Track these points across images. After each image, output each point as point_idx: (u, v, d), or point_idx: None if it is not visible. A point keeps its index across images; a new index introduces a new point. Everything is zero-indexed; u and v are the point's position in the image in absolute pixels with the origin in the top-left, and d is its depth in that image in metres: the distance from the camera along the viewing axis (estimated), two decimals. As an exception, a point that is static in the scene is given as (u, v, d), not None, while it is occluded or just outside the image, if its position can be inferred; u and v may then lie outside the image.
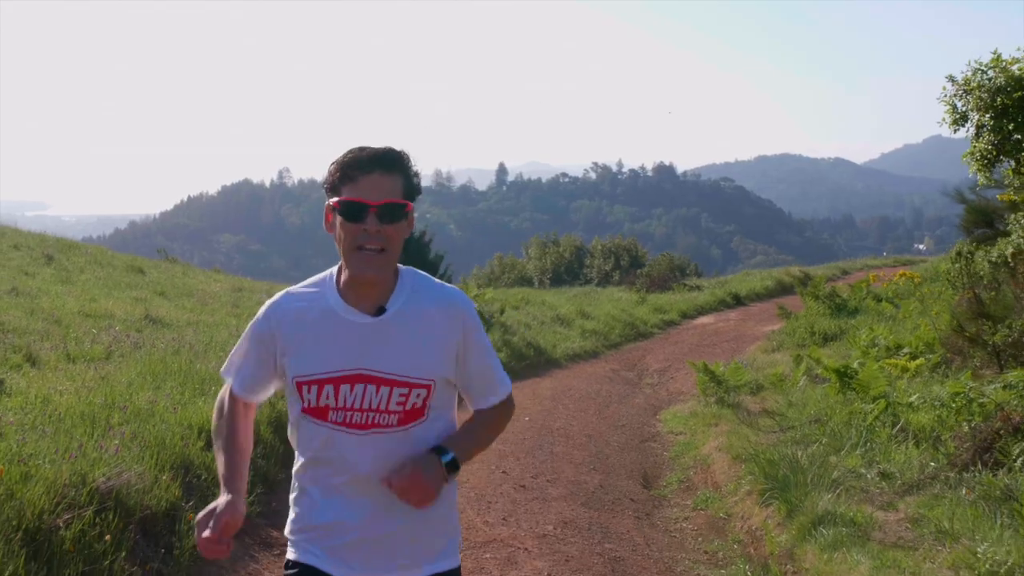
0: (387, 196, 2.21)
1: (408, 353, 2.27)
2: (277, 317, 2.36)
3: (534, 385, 11.82)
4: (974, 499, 5.25)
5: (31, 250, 22.31)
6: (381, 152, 2.26)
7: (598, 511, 6.36)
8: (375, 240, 2.21)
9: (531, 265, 59.10)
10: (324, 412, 2.29)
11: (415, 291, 2.33)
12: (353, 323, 2.28)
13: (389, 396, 2.26)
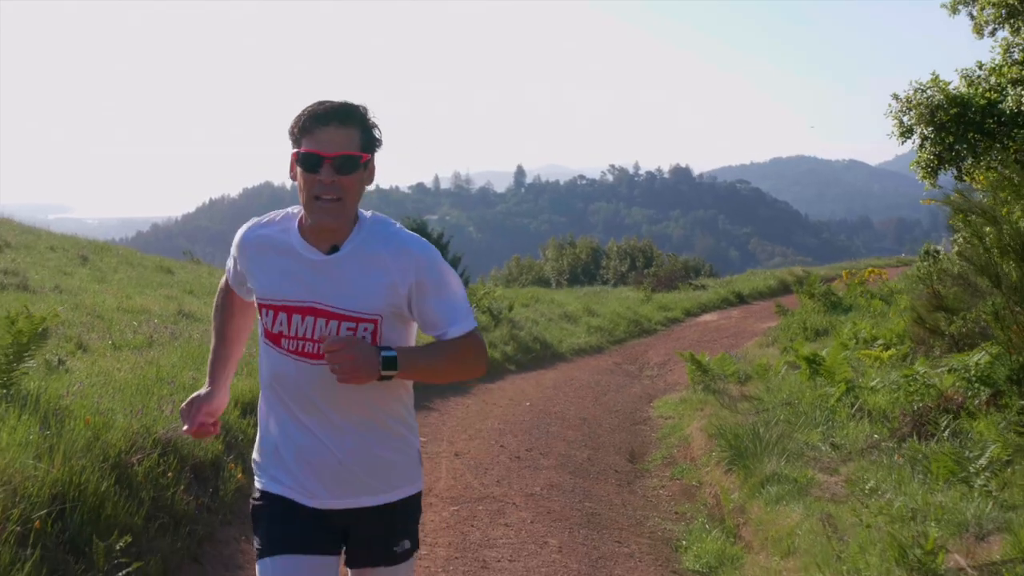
0: (342, 148, 2.36)
1: (355, 289, 2.43)
2: (242, 245, 2.58)
3: (538, 376, 12.68)
4: (903, 463, 6.07)
5: (66, 251, 23.35)
6: (337, 105, 2.40)
7: (583, 479, 7.22)
8: (331, 190, 2.37)
9: (548, 266, 60.08)
10: (278, 339, 2.47)
11: (371, 234, 2.48)
12: (308, 259, 2.46)
13: (338, 328, 2.42)
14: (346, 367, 2.29)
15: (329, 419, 2.44)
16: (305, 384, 2.45)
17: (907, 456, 6.11)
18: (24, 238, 23.57)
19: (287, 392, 2.48)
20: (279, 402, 2.50)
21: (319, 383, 2.42)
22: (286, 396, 2.48)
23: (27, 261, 18.44)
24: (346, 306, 2.42)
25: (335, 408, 2.45)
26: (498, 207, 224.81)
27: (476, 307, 15.13)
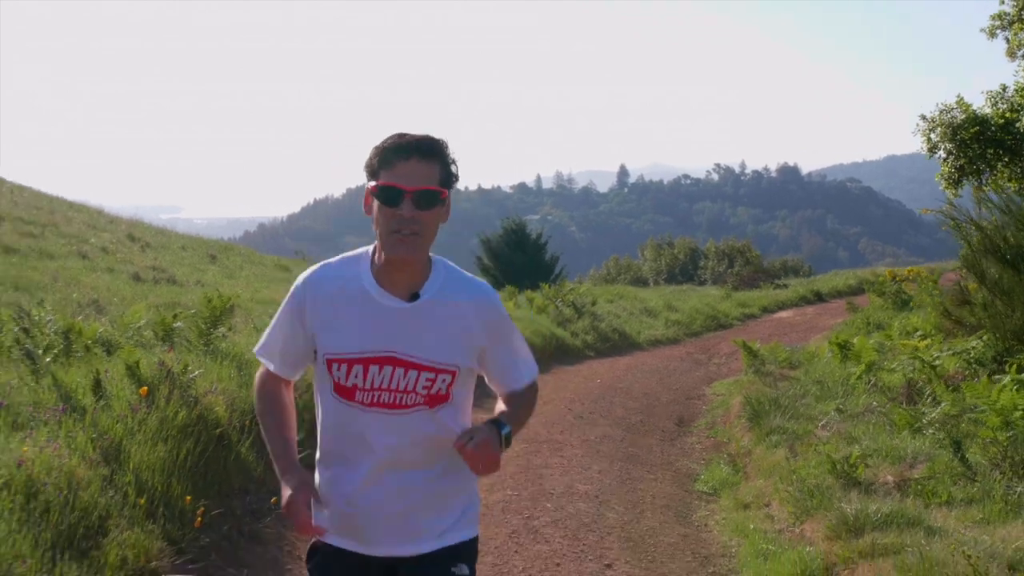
0: (423, 183, 2.27)
1: (437, 340, 2.37)
2: (311, 291, 2.42)
3: (613, 361, 14.38)
4: (886, 421, 7.63)
5: (195, 251, 26.03)
6: (419, 139, 2.30)
7: (633, 433, 8.94)
8: (410, 225, 2.27)
9: (646, 267, 61.35)
10: (352, 392, 2.37)
11: (448, 281, 2.43)
12: (387, 307, 2.36)
13: (417, 379, 2.36)
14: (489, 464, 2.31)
15: (396, 467, 2.41)
16: (375, 436, 2.39)
17: (887, 416, 7.68)
18: (158, 238, 26.34)
19: (353, 442, 2.42)
20: (342, 451, 2.45)
21: (391, 433, 2.38)
22: (351, 446, 2.42)
23: (167, 259, 20.99)
24: (427, 356, 2.37)
25: (405, 457, 2.41)
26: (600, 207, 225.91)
27: (561, 301, 16.95)
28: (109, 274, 15.66)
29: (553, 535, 5.68)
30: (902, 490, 5.85)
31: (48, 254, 16.49)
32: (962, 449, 6.16)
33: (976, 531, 4.95)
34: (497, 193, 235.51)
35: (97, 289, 12.82)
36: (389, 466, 2.40)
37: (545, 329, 14.39)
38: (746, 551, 5.52)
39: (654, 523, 6.09)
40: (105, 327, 7.76)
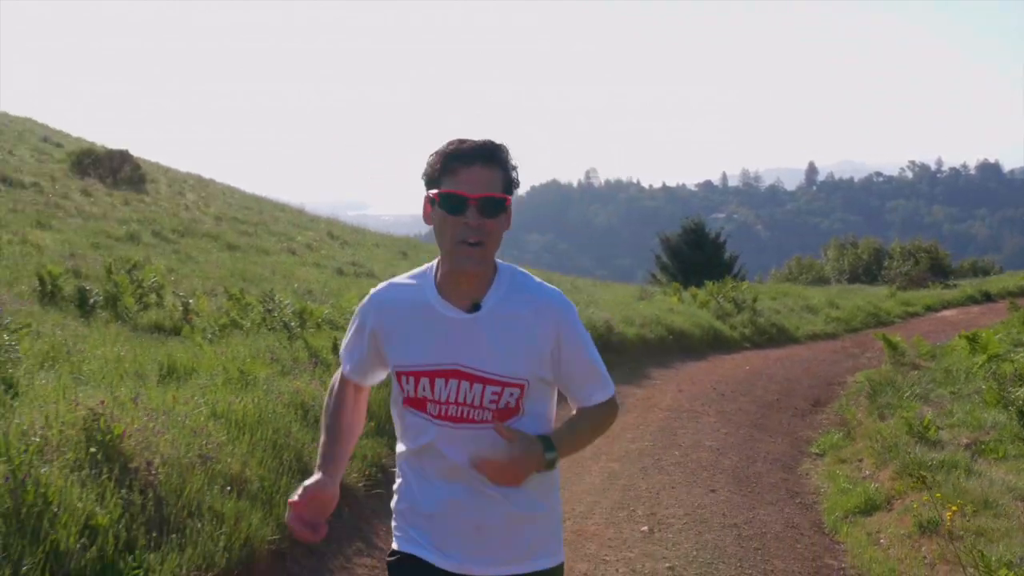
0: (487, 190, 2.20)
1: (501, 352, 2.28)
2: (376, 308, 2.41)
3: (767, 352, 15.66)
4: (982, 400, 8.79)
5: (388, 247, 28.64)
6: (482, 144, 2.24)
7: (767, 409, 10.35)
8: (474, 234, 2.20)
9: (828, 266, 60.87)
10: (423, 404, 2.34)
11: (511, 289, 2.33)
12: (448, 318, 2.30)
13: (482, 393, 2.29)
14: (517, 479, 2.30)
15: (471, 483, 2.33)
16: (448, 448, 2.34)
17: (984, 395, 8.84)
18: (354, 236, 29.12)
19: (430, 456, 2.37)
20: (419, 465, 2.41)
21: (463, 448, 2.32)
22: (427, 459, 2.38)
23: (363, 255, 23.49)
24: (491, 369, 2.29)
25: (476, 473, 2.32)
26: (788, 205, 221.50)
27: (723, 297, 18.32)
28: (316, 268, 18.08)
29: (674, 471, 7.27)
30: (971, 449, 7.13)
31: (263, 250, 19.12)
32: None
33: (1011, 476, 6.24)
34: (682, 191, 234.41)
35: (309, 281, 15.09)
36: (462, 480, 2.33)
37: (704, 321, 15.83)
38: (831, 489, 6.95)
39: (761, 469, 7.59)
40: (329, 309, 9.80)
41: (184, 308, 9.32)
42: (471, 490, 2.34)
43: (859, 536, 5.84)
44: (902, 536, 5.58)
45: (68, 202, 17.43)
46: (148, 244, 15.42)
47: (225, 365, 6.18)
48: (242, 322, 8.48)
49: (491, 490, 2.32)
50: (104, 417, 3.83)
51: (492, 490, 2.32)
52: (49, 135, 28.09)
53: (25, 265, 11.01)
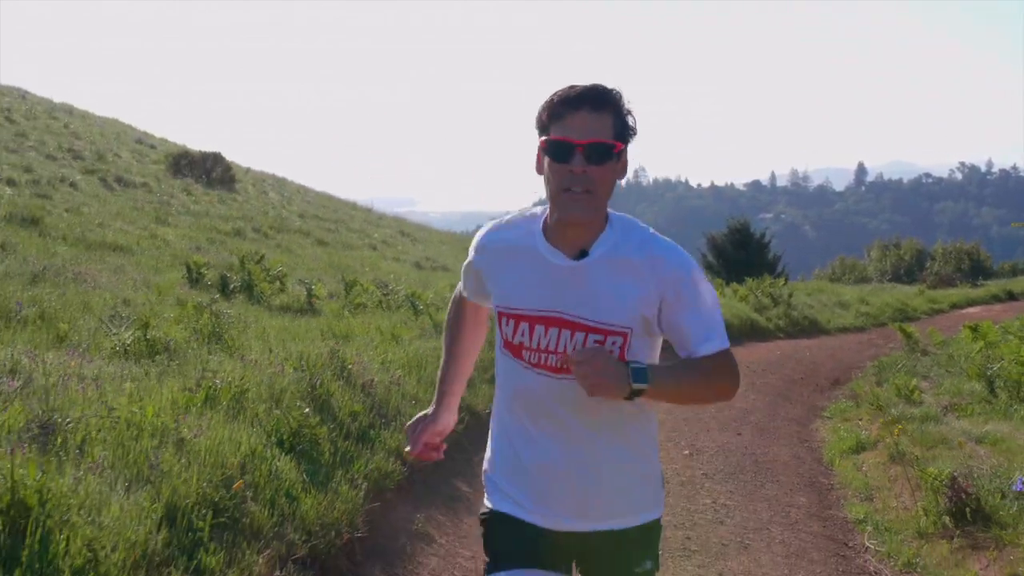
0: (594, 135, 2.13)
1: (605, 299, 2.22)
2: (481, 248, 2.42)
3: (798, 341, 17.50)
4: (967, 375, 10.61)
5: (452, 244, 30.69)
6: (590, 88, 2.16)
7: (791, 384, 12.24)
8: (581, 181, 2.14)
9: (871, 267, 62.06)
10: (519, 350, 2.30)
11: (623, 239, 2.26)
12: (553, 264, 2.25)
13: (584, 341, 2.23)
14: (595, 379, 2.11)
15: (570, 436, 2.29)
16: (547, 398, 2.29)
17: (967, 371, 10.67)
18: (421, 233, 31.31)
19: (526, 406, 2.33)
20: (516, 415, 2.36)
21: (563, 397, 2.27)
22: (525, 410, 2.34)
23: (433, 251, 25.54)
24: (595, 317, 2.22)
25: (578, 425, 2.28)
26: (836, 206, 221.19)
27: (761, 292, 20.18)
28: (396, 262, 20.16)
29: (710, 421, 9.23)
30: (947, 409, 9.01)
31: (348, 245, 21.24)
32: (994, 386, 9.24)
33: (970, 426, 8.11)
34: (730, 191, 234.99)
35: (395, 273, 17.16)
36: (560, 431, 2.29)
37: (743, 313, 17.72)
38: (832, 438, 8.87)
39: (780, 424, 9.52)
40: (432, 295, 11.84)
41: (308, 292, 11.40)
42: (572, 443, 2.29)
43: (847, 466, 7.76)
44: (877, 464, 7.50)
45: (175, 200, 19.66)
46: (252, 239, 17.57)
47: (380, 329, 8.24)
48: (366, 303, 10.56)
49: (593, 442, 2.29)
50: (339, 353, 5.92)
51: (594, 442, 2.29)
52: (141, 137, 30.51)
53: (161, 256, 13.15)
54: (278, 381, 5.24)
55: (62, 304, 7.75)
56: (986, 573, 4.99)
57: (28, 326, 6.80)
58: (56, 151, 20.73)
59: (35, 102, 28.51)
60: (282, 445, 4.47)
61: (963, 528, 5.52)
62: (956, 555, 5.33)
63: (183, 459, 3.77)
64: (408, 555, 4.90)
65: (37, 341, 6.28)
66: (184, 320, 7.46)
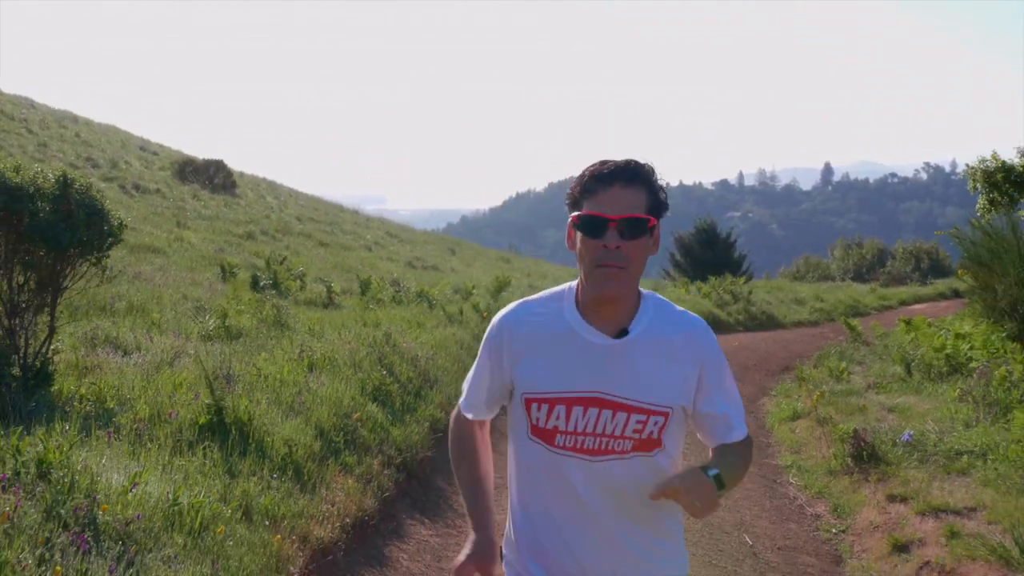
0: (628, 211, 2.13)
1: (648, 378, 2.21)
2: (510, 328, 2.33)
3: (755, 334, 19.38)
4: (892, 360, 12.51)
5: (437, 245, 32.41)
6: (623, 164, 2.17)
7: (744, 370, 14.09)
8: (615, 257, 2.13)
9: (834, 265, 64.18)
10: (552, 435, 2.25)
11: (657, 316, 2.27)
12: (593, 343, 2.23)
13: (626, 422, 2.20)
14: (707, 510, 2.10)
15: (599, 523, 2.26)
16: (579, 484, 2.24)
17: (893, 357, 12.57)
18: (407, 234, 33.03)
19: (553, 493, 2.28)
20: (539, 503, 2.31)
21: (594, 482, 2.24)
22: (551, 497, 2.29)
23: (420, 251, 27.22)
24: (638, 397, 2.19)
25: (610, 511, 2.25)
26: (803, 205, 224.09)
27: (722, 290, 22.09)
28: (391, 262, 21.89)
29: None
30: (870, 386, 10.90)
31: (345, 247, 22.94)
32: (911, 368, 11.15)
33: (884, 399, 9.99)
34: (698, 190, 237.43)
35: (391, 271, 18.90)
36: (592, 519, 2.25)
37: (705, 309, 19.62)
38: (774, 409, 10.73)
39: (733, 400, 11.38)
40: (438, 292, 13.62)
41: (328, 290, 13.15)
42: (600, 530, 2.26)
43: (783, 429, 9.63)
44: (807, 427, 9.36)
45: (188, 206, 21.30)
46: (262, 241, 19.26)
47: (405, 319, 10.04)
48: (383, 298, 12.34)
49: (622, 528, 2.25)
50: (391, 335, 7.75)
51: (624, 529, 2.26)
52: (143, 144, 32.05)
53: (192, 257, 14.82)
54: (357, 353, 7.07)
55: (140, 299, 9.46)
56: (872, 495, 6.84)
57: (125, 316, 8.51)
58: (76, 160, 22.30)
59: (45, 112, 29.97)
60: (367, 395, 6.30)
61: (860, 467, 7.38)
62: (853, 485, 7.20)
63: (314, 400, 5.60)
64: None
65: (139, 327, 8.02)
66: (249, 311, 9.21)
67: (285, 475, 4.74)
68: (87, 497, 3.59)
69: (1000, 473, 6.40)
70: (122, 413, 4.92)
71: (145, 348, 6.97)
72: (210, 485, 4.19)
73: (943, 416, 8.34)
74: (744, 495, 7.23)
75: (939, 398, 9.40)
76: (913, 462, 7.14)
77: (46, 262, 5.57)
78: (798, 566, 5.77)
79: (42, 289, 5.71)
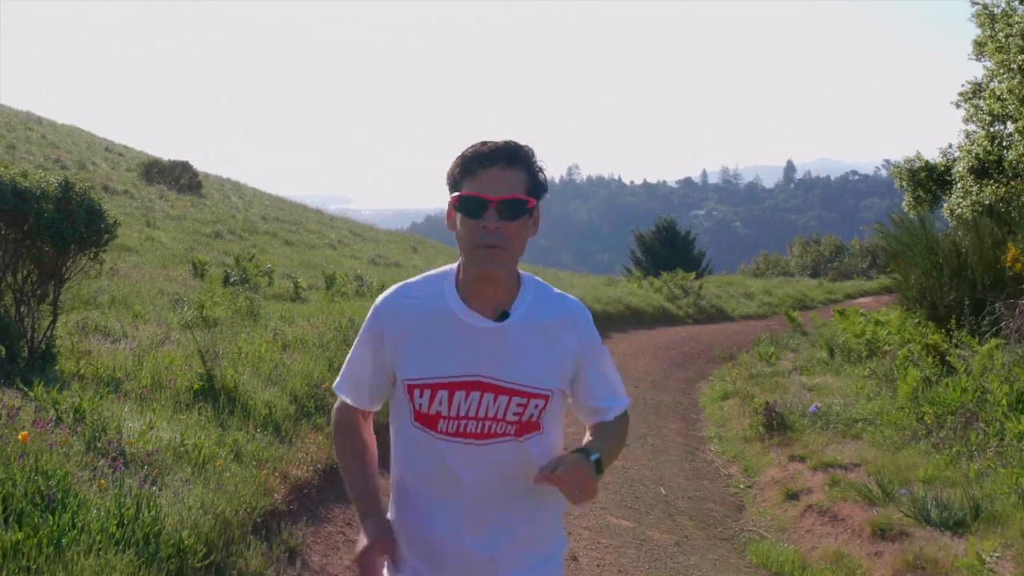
0: (508, 191, 2.12)
1: (528, 362, 2.21)
2: (390, 313, 2.28)
3: (703, 326, 20.40)
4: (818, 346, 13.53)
5: (399, 244, 33.18)
6: (502, 145, 2.15)
7: (688, 358, 15.08)
8: (495, 238, 2.11)
9: (793, 262, 65.68)
10: (435, 421, 2.22)
11: (537, 299, 2.27)
12: (473, 327, 2.20)
13: (507, 405, 2.20)
14: (586, 495, 2.11)
15: (481, 508, 2.25)
16: (460, 469, 2.22)
17: (819, 344, 13.60)
18: (370, 233, 33.77)
19: (436, 478, 2.25)
20: (423, 488, 2.28)
21: (478, 466, 2.22)
22: (435, 482, 2.26)
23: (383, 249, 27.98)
24: (519, 380, 2.20)
25: (492, 496, 2.25)
26: (766, 202, 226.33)
27: (673, 284, 23.11)
28: (355, 260, 22.67)
29: (617, 380, 12.03)
30: (796, 369, 11.91)
31: (310, 245, 23.67)
32: (834, 353, 12.17)
33: (806, 380, 10.99)
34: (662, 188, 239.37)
35: (354, 268, 19.70)
36: (478, 503, 2.24)
37: (656, 302, 20.62)
38: (708, 391, 11.71)
39: (671, 383, 12.35)
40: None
41: (295, 285, 13.97)
42: (484, 515, 2.25)
43: (713, 407, 10.61)
44: (733, 405, 10.34)
45: (156, 206, 21.98)
46: (229, 240, 19.99)
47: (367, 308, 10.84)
48: (347, 292, 13.17)
49: (505, 508, 2.26)
50: (354, 320, 8.61)
51: (506, 509, 2.26)
52: (108, 145, 32.58)
53: (163, 255, 15.57)
54: (324, 335, 7.94)
55: (121, 293, 10.25)
56: (777, 457, 7.82)
57: (109, 308, 9.30)
58: (45, 162, 22.89)
59: (10, 114, 30.46)
60: (334, 370, 7.17)
61: (771, 434, 8.35)
62: (764, 449, 8.17)
63: (288, 373, 6.48)
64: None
65: (124, 317, 8.83)
66: (224, 303, 10.04)
67: (267, 430, 5.64)
68: (116, 434, 4.64)
69: (884, 436, 7.38)
70: (128, 381, 5.81)
71: (132, 335, 7.79)
72: (207, 434, 5.11)
73: (850, 392, 9.34)
74: (667, 459, 8.18)
75: (853, 377, 10.40)
76: (816, 429, 8.12)
77: (50, 256, 6.39)
78: (703, 512, 6.72)
79: (45, 280, 6.54)
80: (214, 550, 3.97)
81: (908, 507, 5.61)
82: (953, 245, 11.50)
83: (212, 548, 3.96)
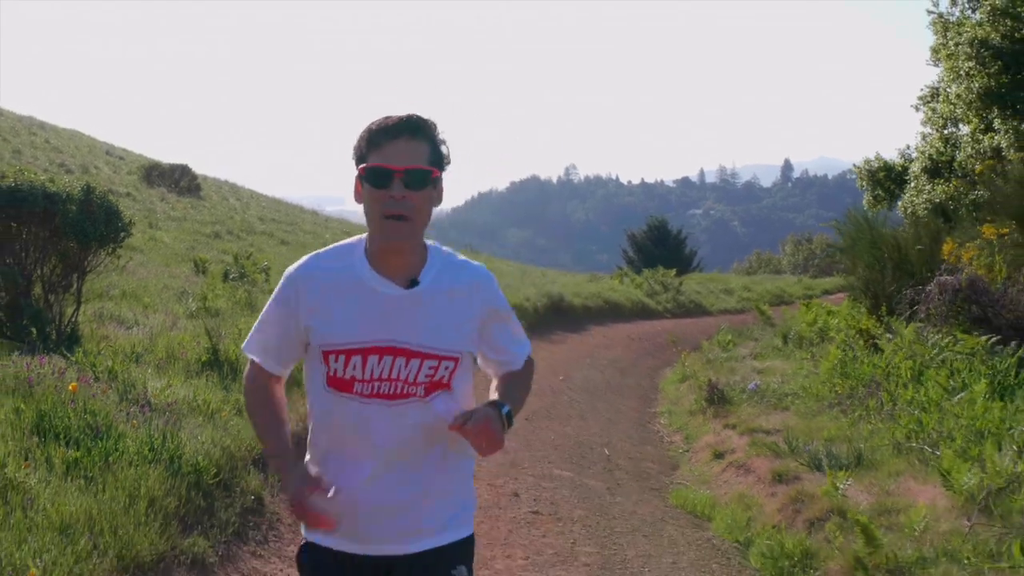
0: (412, 162, 2.21)
1: (438, 326, 2.32)
2: (303, 281, 2.36)
3: (680, 320, 21.36)
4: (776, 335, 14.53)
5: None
6: (406, 118, 2.25)
7: (658, 348, 16.05)
8: (401, 207, 2.21)
9: (785, 260, 66.64)
10: (349, 384, 2.30)
11: (446, 266, 2.38)
12: (384, 294, 2.30)
13: (419, 368, 2.30)
14: (494, 446, 2.27)
15: (393, 462, 2.34)
16: (374, 428, 2.32)
17: (776, 332, 14.59)
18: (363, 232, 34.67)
19: (351, 438, 2.34)
20: (338, 448, 2.37)
21: (391, 425, 2.32)
22: (349, 442, 2.35)
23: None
24: (429, 344, 2.31)
25: (405, 451, 2.34)
26: (764, 201, 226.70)
27: (653, 280, 24.11)
28: (349, 259, 23.66)
29: (587, 368, 12.98)
30: (752, 354, 12.92)
31: (305, 245, 24.51)
32: (787, 340, 13.19)
33: (757, 364, 11.99)
34: (660, 188, 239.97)
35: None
36: (391, 460, 2.33)
37: (635, 297, 21.63)
38: (669, 375, 12.72)
39: (637, 368, 13.37)
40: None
41: (290, 281, 14.99)
42: (398, 470, 2.34)
43: (670, 388, 11.64)
44: (689, 387, 11.34)
45: (158, 208, 22.98)
46: (228, 240, 20.98)
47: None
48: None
49: (415, 465, 2.34)
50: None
51: (416, 465, 2.34)
52: (108, 148, 33.58)
53: (167, 254, 16.56)
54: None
55: (131, 288, 11.25)
56: (715, 426, 8.83)
57: (120, 300, 10.31)
58: (50, 166, 23.87)
59: (14, 119, 31.44)
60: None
61: (713, 408, 9.37)
62: (706, 421, 9.19)
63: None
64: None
65: (135, 308, 9.84)
66: (225, 295, 11.06)
67: (265, 395, 6.73)
68: (143, 389, 5.76)
69: (806, 406, 8.41)
70: (146, 355, 6.86)
71: (143, 323, 8.81)
72: (214, 394, 6.15)
73: (791, 372, 10.36)
74: (617, 429, 9.22)
75: (798, 361, 11.42)
76: (752, 403, 9.14)
77: (74, 251, 7.40)
78: (641, 469, 7.75)
79: (69, 272, 7.56)
80: (222, 472, 5.05)
81: (805, 458, 6.64)
82: (895, 240, 12.49)
83: (221, 471, 5.05)
